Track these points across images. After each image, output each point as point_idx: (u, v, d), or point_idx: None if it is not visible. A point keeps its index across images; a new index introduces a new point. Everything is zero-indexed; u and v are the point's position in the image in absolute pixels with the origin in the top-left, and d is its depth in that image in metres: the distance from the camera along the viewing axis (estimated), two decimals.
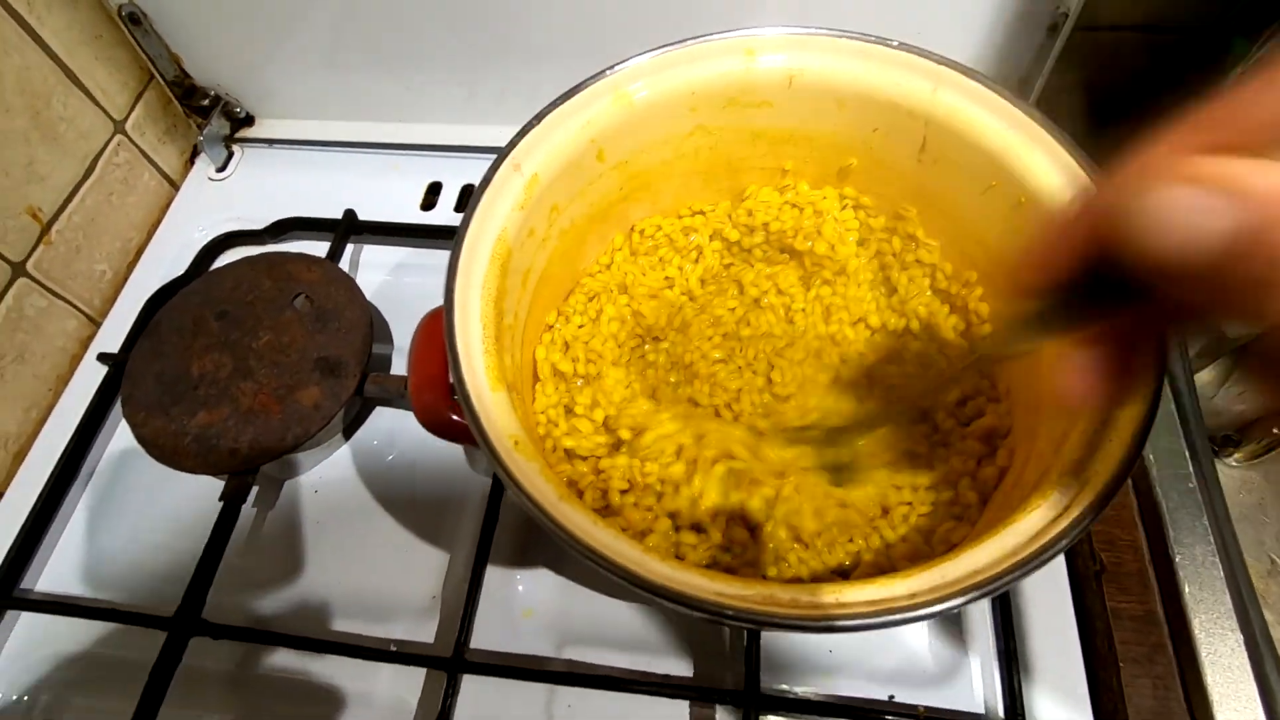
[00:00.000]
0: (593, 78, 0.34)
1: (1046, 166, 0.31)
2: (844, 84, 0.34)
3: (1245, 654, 0.33)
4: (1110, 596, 0.36)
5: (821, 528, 0.31)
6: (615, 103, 0.34)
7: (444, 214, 0.54)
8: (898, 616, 0.22)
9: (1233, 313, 0.14)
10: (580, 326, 0.39)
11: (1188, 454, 0.39)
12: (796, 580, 0.30)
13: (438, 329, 0.36)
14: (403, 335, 0.48)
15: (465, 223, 0.31)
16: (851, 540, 0.31)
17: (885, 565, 0.31)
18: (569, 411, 0.36)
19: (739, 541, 0.32)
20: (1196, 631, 0.34)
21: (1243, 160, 0.13)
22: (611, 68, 0.34)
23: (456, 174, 0.55)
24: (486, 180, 0.32)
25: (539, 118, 0.33)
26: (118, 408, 0.45)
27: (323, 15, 0.49)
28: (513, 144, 0.33)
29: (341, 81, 0.54)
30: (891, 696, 0.36)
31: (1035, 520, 0.24)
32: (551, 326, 0.39)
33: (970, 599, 0.23)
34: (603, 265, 0.41)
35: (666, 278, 0.41)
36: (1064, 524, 0.23)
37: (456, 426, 0.35)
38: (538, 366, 0.38)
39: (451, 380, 0.28)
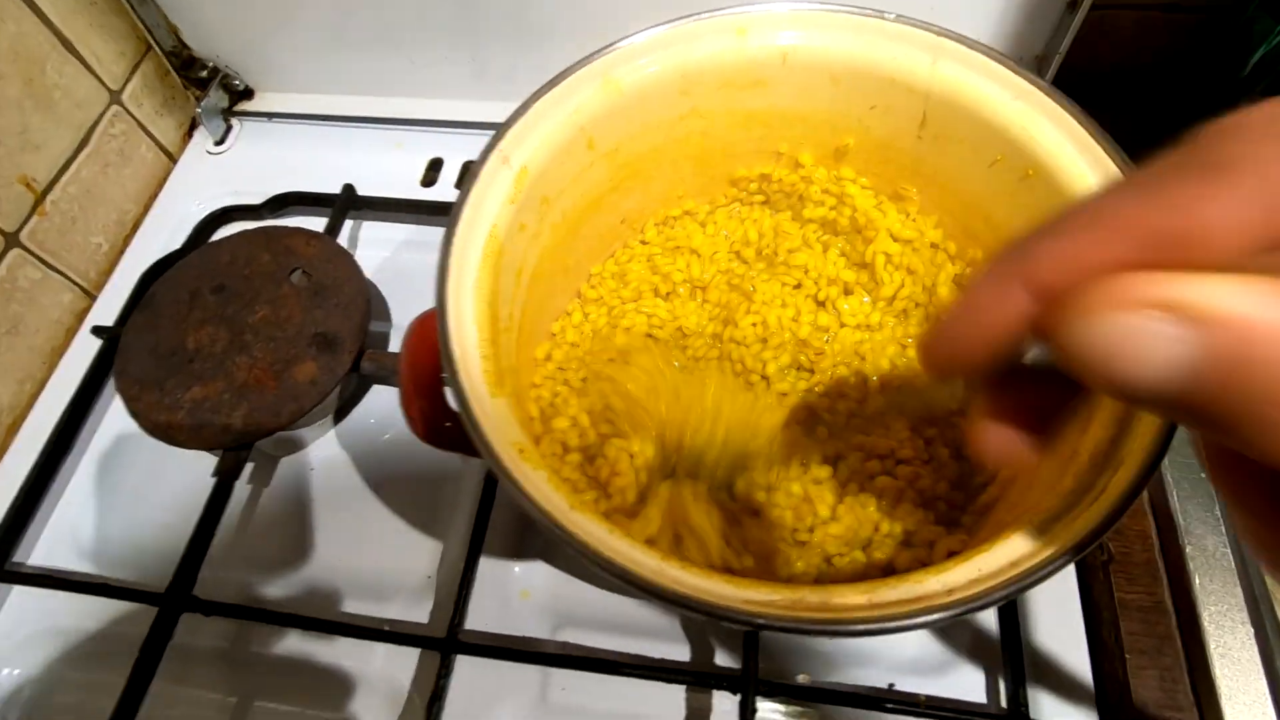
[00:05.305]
0: (579, 63, 0.32)
1: (1055, 137, 0.29)
2: (838, 60, 0.33)
3: (1255, 647, 0.32)
4: (1118, 586, 0.35)
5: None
6: (604, 88, 0.33)
7: (445, 190, 0.53)
8: (938, 615, 0.21)
9: (1220, 439, 0.12)
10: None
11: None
12: (821, 580, 0.30)
13: (428, 333, 0.33)
14: (401, 313, 0.48)
15: (454, 218, 0.29)
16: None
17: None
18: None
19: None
20: (1206, 623, 0.33)
21: (1206, 280, 0.11)
22: (599, 52, 0.33)
23: (459, 150, 0.54)
24: (474, 174, 0.30)
25: (525, 107, 0.32)
26: (113, 381, 0.45)
27: None
28: (500, 135, 0.31)
29: (343, 55, 0.53)
30: (892, 685, 0.35)
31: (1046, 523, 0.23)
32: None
33: (1021, 587, 0.21)
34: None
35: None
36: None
37: (455, 435, 0.32)
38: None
39: (448, 387, 0.27)
